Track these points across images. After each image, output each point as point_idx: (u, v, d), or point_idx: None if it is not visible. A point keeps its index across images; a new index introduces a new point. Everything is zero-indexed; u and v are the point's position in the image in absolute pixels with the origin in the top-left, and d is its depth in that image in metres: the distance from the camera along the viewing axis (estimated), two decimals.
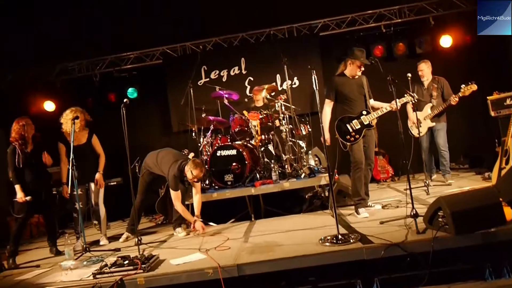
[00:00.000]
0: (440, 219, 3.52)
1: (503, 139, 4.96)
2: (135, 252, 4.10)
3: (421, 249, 3.39)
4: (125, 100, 4.35)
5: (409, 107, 6.24)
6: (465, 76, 6.13)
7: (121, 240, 5.37)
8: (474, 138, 7.57)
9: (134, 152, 5.55)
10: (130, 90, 8.17)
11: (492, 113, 6.24)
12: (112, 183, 7.28)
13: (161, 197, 6.37)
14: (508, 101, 5.84)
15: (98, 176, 5.34)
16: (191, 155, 6.22)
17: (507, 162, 4.72)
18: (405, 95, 5.02)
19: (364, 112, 4.89)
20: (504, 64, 7.60)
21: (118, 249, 4.80)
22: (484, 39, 7.52)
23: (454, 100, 5.88)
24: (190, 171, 4.93)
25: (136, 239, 4.32)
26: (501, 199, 3.61)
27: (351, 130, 4.87)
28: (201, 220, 5.09)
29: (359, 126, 4.84)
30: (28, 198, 4.82)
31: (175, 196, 5.02)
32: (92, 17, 7.53)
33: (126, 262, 3.67)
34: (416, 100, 5.12)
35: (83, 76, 8.36)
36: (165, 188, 6.36)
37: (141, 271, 3.55)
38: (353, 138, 4.87)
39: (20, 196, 4.82)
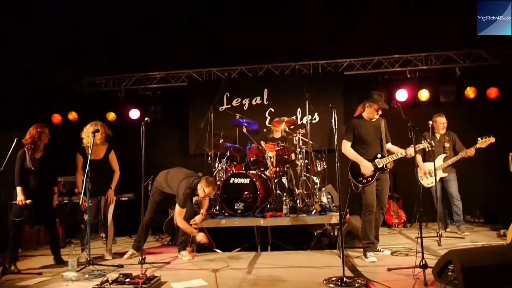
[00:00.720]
0: (449, 273, 3.42)
1: None
2: (137, 270, 4.08)
3: None
4: (146, 118, 4.44)
5: (419, 157, 6.20)
6: (487, 129, 6.09)
7: (125, 256, 5.37)
8: (492, 193, 7.42)
9: (150, 170, 5.64)
10: (152, 109, 8.33)
11: None
12: (123, 198, 7.32)
13: (169, 218, 6.38)
14: None
15: (110, 192, 5.41)
16: None
17: None
18: (423, 141, 5.02)
19: (379, 156, 4.88)
20: None
21: (121, 266, 4.79)
22: (509, 94, 7.55)
23: (470, 152, 5.88)
24: (203, 189, 4.97)
25: (140, 258, 4.32)
26: None
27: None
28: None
29: (373, 169, 4.82)
30: (28, 201, 4.87)
31: (179, 212, 5.06)
32: (120, 33, 7.74)
33: (127, 280, 3.67)
34: (432, 148, 5.12)
35: (108, 90, 8.58)
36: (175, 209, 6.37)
37: None
38: (365, 181, 4.85)
39: (20, 198, 4.88)
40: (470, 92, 7.77)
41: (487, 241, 5.54)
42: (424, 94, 7.87)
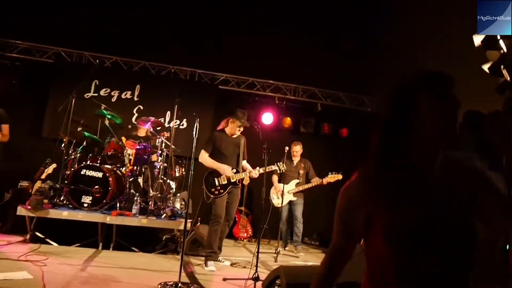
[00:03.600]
0: (276, 287, 3.71)
1: None
2: None
3: None
4: None
5: (275, 177, 6.72)
6: (336, 162, 6.84)
7: None
8: (331, 220, 8.06)
9: None
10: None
11: None
12: None
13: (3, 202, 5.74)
14: None
15: None
16: (53, 166, 5.81)
17: None
18: (276, 163, 5.42)
19: (234, 170, 5.13)
20: None
21: None
22: (358, 135, 8.58)
23: (319, 181, 6.51)
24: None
25: None
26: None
27: (217, 184, 5.06)
28: None
29: (225, 182, 5.06)
30: None
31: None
32: None
33: None
34: (283, 171, 5.55)
35: None
36: (11, 194, 5.77)
37: None
38: (217, 192, 5.06)
39: None
40: (326, 128, 8.65)
41: (317, 262, 6.12)
42: (287, 121, 8.49)
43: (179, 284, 3.69)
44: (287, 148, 6.30)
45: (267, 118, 8.36)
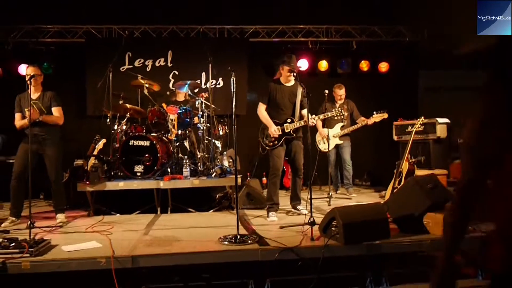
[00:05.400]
0: (333, 229, 3.74)
1: (398, 162, 5.42)
2: (26, 235, 3.85)
3: (312, 254, 3.58)
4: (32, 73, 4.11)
5: (319, 123, 6.56)
6: (378, 100, 6.63)
7: (3, 225, 4.79)
8: (379, 158, 8.13)
9: None
10: (44, 65, 7.66)
11: (395, 137, 6.78)
12: (11, 160, 6.76)
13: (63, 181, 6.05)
14: (409, 128, 6.36)
15: None
16: (103, 141, 6.01)
17: (399, 183, 5.15)
18: (334, 110, 5.27)
19: (289, 120, 5.05)
20: (413, 94, 8.32)
21: (7, 231, 4.48)
22: (399, 69, 8.25)
23: (369, 121, 6.34)
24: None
25: (29, 222, 4.07)
26: (388, 216, 3.94)
27: (271, 135, 5.02)
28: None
29: (280, 133, 4.99)
30: None
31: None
32: None
33: (12, 244, 3.45)
34: (343, 117, 5.43)
35: None
36: (69, 173, 6.08)
37: (28, 255, 3.34)
38: (271, 144, 5.03)
39: None
40: (364, 65, 8.34)
41: (370, 201, 6.10)
42: (323, 65, 8.27)
43: (238, 236, 3.80)
44: (326, 91, 6.13)
45: (302, 64, 8.17)
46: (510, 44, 1.29)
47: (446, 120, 6.21)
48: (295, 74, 4.97)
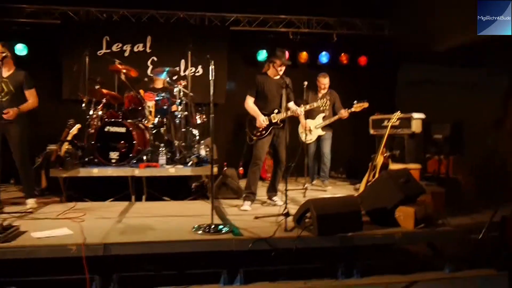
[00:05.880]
0: (307, 220, 3.79)
1: (373, 156, 5.50)
2: None
3: (285, 245, 3.62)
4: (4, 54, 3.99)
5: (302, 115, 6.53)
6: (357, 93, 6.66)
7: None
8: (356, 152, 8.22)
9: None
10: (19, 46, 7.43)
11: (371, 131, 6.86)
12: None
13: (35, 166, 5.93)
14: (385, 122, 6.40)
15: None
16: (77, 126, 5.89)
17: (374, 176, 5.23)
18: (319, 100, 5.32)
19: (276, 111, 5.09)
20: (391, 88, 8.41)
21: None
22: (378, 63, 8.33)
23: (345, 113, 6.33)
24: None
25: None
26: (361, 208, 4.00)
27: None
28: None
29: (267, 123, 5.01)
30: None
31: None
32: None
33: None
34: (325, 108, 5.45)
35: None
36: (42, 157, 5.95)
37: None
38: (259, 134, 5.05)
39: None
40: (344, 58, 8.39)
41: (345, 194, 6.17)
42: (303, 56, 8.28)
43: (212, 226, 3.79)
44: (305, 82, 6.13)
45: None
46: None
47: (422, 116, 6.30)
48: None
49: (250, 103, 5.13)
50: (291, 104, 5.27)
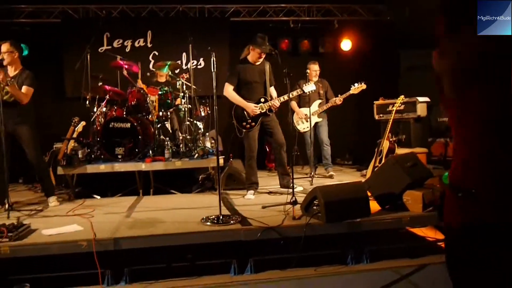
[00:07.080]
0: (314, 207, 3.78)
1: (379, 141, 5.48)
2: (4, 220, 3.81)
3: (294, 233, 3.63)
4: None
5: (294, 103, 6.44)
6: (359, 79, 6.60)
7: None
8: (361, 138, 8.18)
9: None
10: (22, 46, 7.41)
11: (376, 117, 6.83)
12: None
13: None
14: (390, 107, 6.40)
15: None
16: (82, 124, 5.92)
17: (380, 161, 5.22)
18: (297, 85, 5.27)
19: (262, 100, 5.01)
20: (394, 73, 8.36)
21: None
22: (380, 48, 8.26)
23: (338, 101, 6.28)
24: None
25: (7, 205, 4.02)
26: (369, 194, 4.00)
27: (247, 117, 4.98)
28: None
29: (260, 110, 4.96)
30: None
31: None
32: None
33: None
34: (309, 92, 5.39)
35: None
36: (49, 155, 5.98)
37: (7, 239, 3.30)
38: (248, 126, 4.99)
39: None
40: (346, 44, 8.34)
41: (351, 180, 6.16)
42: (305, 44, 8.23)
43: (221, 217, 3.81)
44: (308, 71, 6.12)
45: (284, 44, 8.12)
46: None
47: (426, 99, 6.26)
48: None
49: (230, 91, 5.00)
50: (272, 89, 5.18)
